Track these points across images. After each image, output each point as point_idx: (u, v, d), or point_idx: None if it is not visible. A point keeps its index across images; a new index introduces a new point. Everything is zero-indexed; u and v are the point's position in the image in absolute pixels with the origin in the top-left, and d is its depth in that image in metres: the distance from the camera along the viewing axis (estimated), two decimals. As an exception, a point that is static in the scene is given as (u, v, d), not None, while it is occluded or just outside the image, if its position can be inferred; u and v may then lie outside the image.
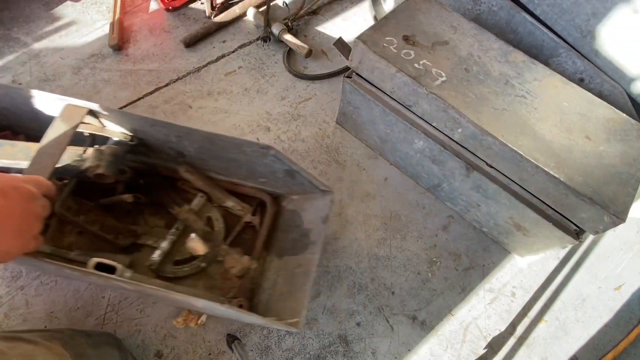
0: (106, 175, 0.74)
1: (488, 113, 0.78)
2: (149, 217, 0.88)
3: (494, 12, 1.07)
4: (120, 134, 0.79)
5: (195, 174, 0.87)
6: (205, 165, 0.87)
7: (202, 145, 0.79)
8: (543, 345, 0.91)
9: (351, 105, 1.00)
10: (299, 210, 0.87)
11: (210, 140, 0.77)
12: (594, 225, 0.75)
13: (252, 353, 0.83)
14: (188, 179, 0.87)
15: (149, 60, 1.19)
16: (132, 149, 0.81)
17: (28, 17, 1.23)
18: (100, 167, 0.73)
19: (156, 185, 0.88)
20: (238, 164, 0.83)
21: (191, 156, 0.84)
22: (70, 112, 0.72)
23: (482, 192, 0.88)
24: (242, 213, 0.88)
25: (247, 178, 0.89)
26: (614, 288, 1.00)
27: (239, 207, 0.88)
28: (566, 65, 1.01)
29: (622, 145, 0.79)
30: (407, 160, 1.01)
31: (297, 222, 0.85)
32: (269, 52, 1.25)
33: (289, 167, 0.77)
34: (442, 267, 0.97)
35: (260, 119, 1.12)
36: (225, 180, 0.90)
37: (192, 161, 0.86)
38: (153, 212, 0.88)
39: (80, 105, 0.73)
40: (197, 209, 0.86)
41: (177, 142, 0.80)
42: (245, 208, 0.89)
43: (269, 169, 0.81)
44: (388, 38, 0.85)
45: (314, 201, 0.84)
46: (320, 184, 0.79)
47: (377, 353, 0.86)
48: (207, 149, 0.80)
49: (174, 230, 0.84)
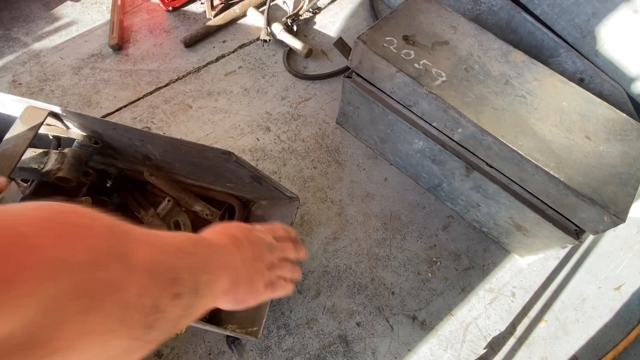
0: (67, 178, 0.74)
1: (488, 113, 0.78)
2: None
3: (494, 12, 1.07)
4: (85, 137, 0.79)
5: (160, 177, 0.86)
6: (172, 169, 0.86)
7: (166, 149, 0.78)
8: (543, 345, 0.91)
9: (351, 105, 1.00)
10: (266, 216, 0.85)
11: (172, 145, 0.76)
12: (594, 225, 0.75)
13: (252, 353, 0.83)
14: (153, 182, 0.86)
15: (149, 60, 1.19)
16: (98, 151, 0.81)
17: (28, 17, 1.23)
18: (61, 169, 0.73)
19: (124, 189, 0.86)
20: (204, 168, 0.82)
21: (157, 160, 0.83)
22: (31, 114, 0.72)
23: (482, 192, 0.88)
24: (210, 217, 0.87)
25: (216, 182, 0.88)
26: (614, 288, 1.00)
27: (208, 211, 0.87)
28: (566, 65, 1.01)
29: (622, 145, 0.79)
30: (407, 160, 1.01)
31: None
32: (269, 52, 1.25)
33: (254, 174, 0.76)
34: (442, 267, 0.97)
35: (260, 119, 1.12)
36: (194, 184, 0.89)
37: (159, 164, 0.85)
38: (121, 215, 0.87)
39: (41, 107, 0.73)
40: (164, 213, 0.84)
41: (141, 146, 0.79)
42: (214, 212, 0.87)
43: (234, 174, 0.80)
44: (388, 38, 0.85)
45: (281, 207, 0.83)
46: (286, 190, 0.78)
47: (377, 353, 0.86)
48: (171, 153, 0.80)
49: None
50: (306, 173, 1.05)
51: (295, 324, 0.87)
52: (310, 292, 0.90)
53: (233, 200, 0.89)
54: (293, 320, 0.87)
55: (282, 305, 0.88)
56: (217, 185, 0.89)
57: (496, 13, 1.07)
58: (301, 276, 0.51)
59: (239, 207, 0.89)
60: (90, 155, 0.79)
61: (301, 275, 0.51)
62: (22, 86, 1.10)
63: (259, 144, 1.08)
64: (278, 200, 0.84)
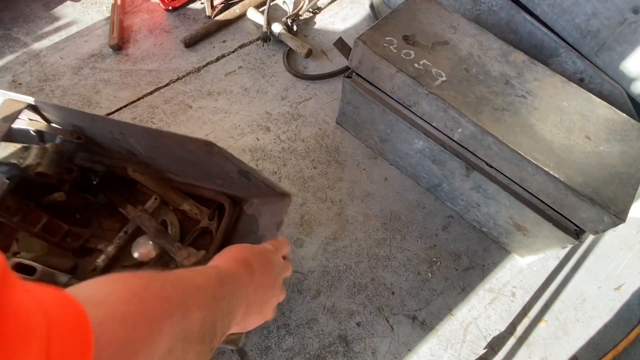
0: (48, 173, 0.70)
1: (488, 113, 0.78)
2: (104, 220, 0.83)
3: (494, 12, 1.07)
4: (66, 132, 0.76)
5: (146, 174, 0.83)
6: (158, 166, 0.83)
7: (148, 143, 0.75)
8: (543, 345, 0.91)
9: (351, 105, 1.00)
10: (257, 214, 0.81)
11: (152, 137, 0.73)
12: (594, 225, 0.75)
13: (252, 353, 0.83)
14: (138, 179, 0.82)
15: (149, 60, 1.19)
16: (83, 148, 0.77)
17: (28, 17, 1.23)
18: (41, 165, 0.70)
19: (111, 187, 0.83)
20: (190, 164, 0.78)
21: (142, 156, 0.80)
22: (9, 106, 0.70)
23: (482, 192, 0.88)
24: (199, 217, 0.83)
25: (204, 179, 0.84)
26: (614, 288, 1.00)
27: (197, 210, 0.83)
28: (566, 65, 1.01)
29: (622, 145, 0.79)
30: (407, 160, 1.01)
31: (254, 227, 0.80)
32: (269, 52, 1.25)
33: (240, 167, 0.72)
34: (442, 267, 0.97)
35: (260, 119, 1.12)
36: (182, 182, 0.85)
37: (145, 161, 0.82)
38: (108, 214, 0.83)
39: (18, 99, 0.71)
40: (150, 211, 0.81)
41: (123, 140, 0.76)
42: (203, 211, 0.83)
43: (220, 169, 0.76)
44: (388, 38, 0.85)
45: (272, 205, 0.78)
46: (276, 186, 0.73)
47: (377, 353, 0.86)
48: (154, 148, 0.76)
49: (122, 234, 0.78)
50: (306, 173, 1.05)
51: (295, 324, 0.87)
52: (310, 292, 0.90)
53: (223, 199, 0.85)
54: (293, 320, 0.87)
55: (282, 306, 0.88)
56: (205, 183, 0.85)
57: (496, 13, 1.07)
58: None
59: (229, 205, 0.84)
60: (75, 152, 0.76)
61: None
62: (22, 86, 1.10)
63: (259, 144, 1.08)
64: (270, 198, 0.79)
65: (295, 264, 0.93)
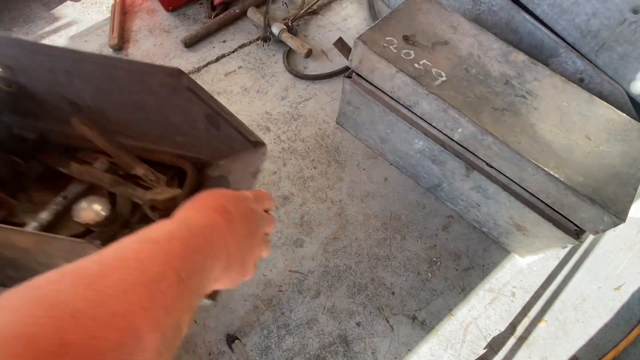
0: None
1: (488, 113, 0.78)
2: (35, 192, 0.68)
3: (494, 12, 1.07)
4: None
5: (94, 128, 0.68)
6: (108, 123, 0.69)
7: (99, 85, 0.63)
8: (543, 345, 0.91)
9: (351, 105, 1.00)
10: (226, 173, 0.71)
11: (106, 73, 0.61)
12: (594, 225, 0.75)
13: (252, 353, 0.83)
14: (85, 134, 0.67)
15: (149, 60, 1.19)
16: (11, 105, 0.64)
17: (28, 17, 1.23)
18: None
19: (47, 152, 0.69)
20: (146, 114, 0.66)
21: (88, 107, 0.67)
22: None
23: (482, 192, 0.88)
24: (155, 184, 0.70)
25: (163, 139, 0.72)
26: (614, 288, 1.00)
27: (152, 176, 0.69)
28: (566, 65, 1.01)
29: (622, 145, 0.79)
30: (407, 160, 1.01)
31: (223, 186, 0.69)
32: (269, 52, 1.25)
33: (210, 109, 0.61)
34: (442, 267, 0.97)
35: (260, 119, 1.12)
36: (135, 145, 0.72)
37: (91, 116, 0.68)
38: (42, 187, 0.68)
39: None
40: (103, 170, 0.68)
41: (68, 85, 0.63)
42: (160, 178, 0.70)
43: (186, 116, 0.65)
44: (388, 38, 0.85)
45: (243, 158, 0.68)
46: (250, 133, 0.63)
47: (377, 353, 0.86)
48: (105, 92, 0.64)
49: (60, 199, 0.63)
50: (306, 173, 1.05)
51: (295, 324, 0.87)
52: (310, 292, 0.90)
53: (184, 163, 0.73)
54: (293, 320, 0.87)
55: (282, 305, 0.88)
56: (164, 145, 0.73)
57: (496, 13, 1.07)
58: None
59: (191, 170, 0.73)
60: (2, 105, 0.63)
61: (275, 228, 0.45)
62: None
63: (259, 144, 1.08)
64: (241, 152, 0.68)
65: (295, 264, 0.93)
